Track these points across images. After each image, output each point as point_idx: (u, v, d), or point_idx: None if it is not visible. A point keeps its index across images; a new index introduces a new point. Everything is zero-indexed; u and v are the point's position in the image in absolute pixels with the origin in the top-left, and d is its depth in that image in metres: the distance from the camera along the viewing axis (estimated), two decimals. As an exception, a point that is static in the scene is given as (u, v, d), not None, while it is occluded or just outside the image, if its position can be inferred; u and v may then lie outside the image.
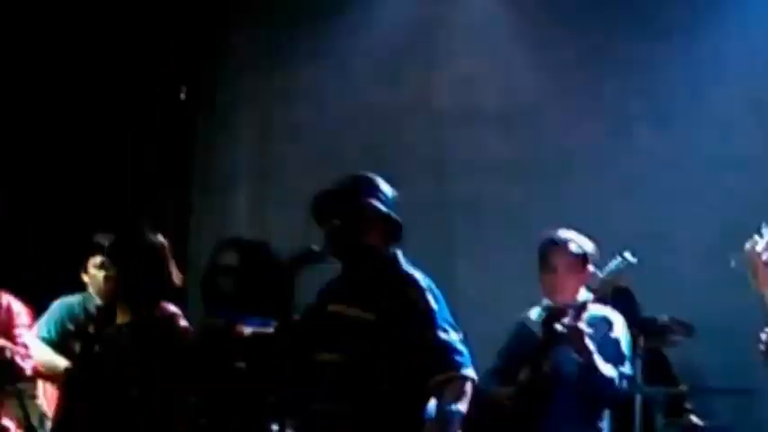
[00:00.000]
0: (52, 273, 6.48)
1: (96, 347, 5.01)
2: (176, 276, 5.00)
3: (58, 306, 5.94)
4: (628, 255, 4.97)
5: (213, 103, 8.21)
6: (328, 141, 7.68)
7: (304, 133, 7.88)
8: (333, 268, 4.28)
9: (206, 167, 8.21)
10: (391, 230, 4.16)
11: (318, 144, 7.74)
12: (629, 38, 7.20)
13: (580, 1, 7.40)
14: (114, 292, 5.01)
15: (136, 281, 4.93)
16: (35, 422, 5.47)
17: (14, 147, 7.58)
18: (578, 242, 5.00)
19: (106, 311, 5.08)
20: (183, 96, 8.08)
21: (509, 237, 6.96)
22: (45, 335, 5.81)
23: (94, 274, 5.91)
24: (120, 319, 5.02)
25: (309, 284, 4.32)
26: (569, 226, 5.08)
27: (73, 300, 5.94)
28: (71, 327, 5.76)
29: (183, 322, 4.99)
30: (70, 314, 5.88)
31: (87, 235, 5.94)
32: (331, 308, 4.19)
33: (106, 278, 5.09)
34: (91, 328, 5.14)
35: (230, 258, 4.90)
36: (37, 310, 5.72)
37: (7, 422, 5.39)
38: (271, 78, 8.05)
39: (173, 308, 5.01)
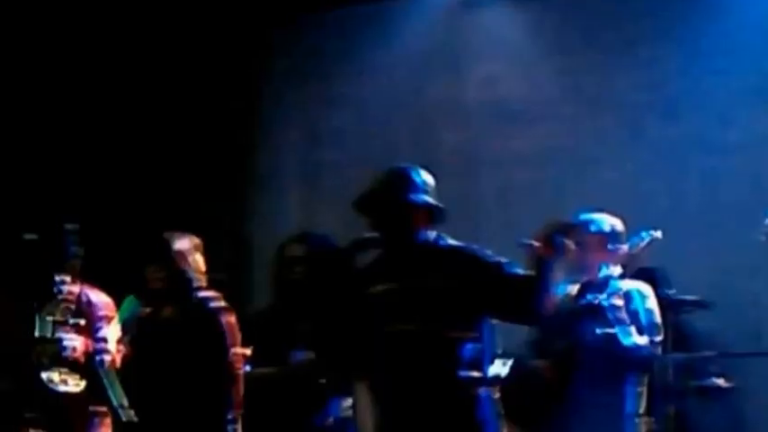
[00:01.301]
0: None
1: (147, 342, 5.43)
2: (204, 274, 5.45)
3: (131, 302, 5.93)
4: (653, 232, 5.18)
5: (262, 111, 8.42)
6: (367, 143, 7.85)
7: (345, 136, 8.09)
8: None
9: (260, 170, 8.43)
10: (434, 216, 4.28)
11: (358, 146, 7.92)
12: (636, 37, 7.37)
13: (592, 8, 7.58)
14: (163, 290, 5.42)
15: (179, 278, 5.39)
16: (122, 403, 5.63)
17: (94, 147, 7.88)
18: (601, 221, 5.14)
19: (153, 309, 5.47)
20: (232, 106, 8.26)
21: (536, 225, 6.96)
22: None
23: None
24: (166, 313, 5.43)
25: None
26: (593, 211, 5.20)
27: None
28: None
29: (220, 303, 5.36)
30: None
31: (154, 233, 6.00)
32: (382, 287, 4.27)
33: (155, 279, 5.40)
34: (133, 329, 5.48)
35: (298, 250, 5.24)
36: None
37: (99, 408, 5.67)
38: (314, 86, 8.25)
39: (211, 294, 5.40)
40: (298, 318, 5.14)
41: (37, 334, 5.67)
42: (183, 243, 5.47)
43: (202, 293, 5.41)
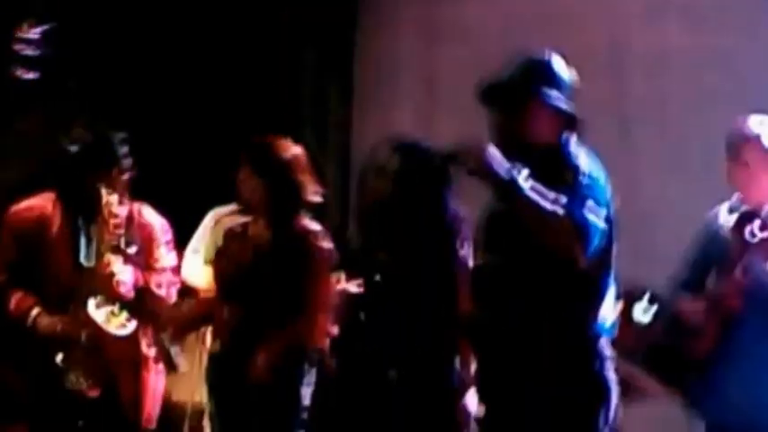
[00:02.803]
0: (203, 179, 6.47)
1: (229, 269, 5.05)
2: (312, 191, 4.95)
3: (212, 218, 5.82)
4: None
5: (375, 4, 8.06)
6: (497, 41, 7.33)
7: (471, 33, 7.65)
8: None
9: (368, 73, 8.08)
10: (564, 123, 3.92)
11: (487, 45, 7.41)
12: None
13: None
14: (256, 203, 4.99)
15: (278, 193, 4.90)
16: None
17: (177, 48, 7.56)
18: None
19: (243, 228, 5.08)
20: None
21: (693, 134, 6.65)
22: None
23: None
24: (257, 232, 5.00)
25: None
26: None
27: (226, 211, 5.76)
28: None
29: (324, 243, 4.95)
30: None
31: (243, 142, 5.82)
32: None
33: (247, 188, 5.04)
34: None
35: (386, 159, 4.67)
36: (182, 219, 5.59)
37: (148, 350, 5.28)
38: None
39: (313, 226, 4.95)
40: (376, 246, 4.64)
41: (83, 262, 5.19)
42: (291, 150, 5.03)
43: (309, 223, 5.00)
